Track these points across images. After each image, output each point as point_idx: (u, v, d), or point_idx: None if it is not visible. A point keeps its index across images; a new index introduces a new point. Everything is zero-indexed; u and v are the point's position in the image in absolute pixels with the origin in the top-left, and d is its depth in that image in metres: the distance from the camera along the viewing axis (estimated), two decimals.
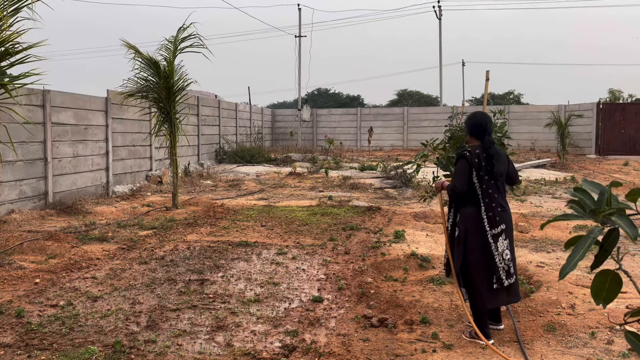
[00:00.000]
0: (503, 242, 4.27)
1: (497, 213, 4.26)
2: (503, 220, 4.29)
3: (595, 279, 1.39)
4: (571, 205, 1.41)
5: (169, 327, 4.68)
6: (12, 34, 6.23)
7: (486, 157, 4.30)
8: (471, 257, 4.31)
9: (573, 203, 1.41)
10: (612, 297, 1.39)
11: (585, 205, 1.39)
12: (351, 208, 11.12)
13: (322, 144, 29.86)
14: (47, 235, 8.13)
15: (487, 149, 4.32)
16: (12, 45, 6.30)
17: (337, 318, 4.94)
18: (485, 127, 4.41)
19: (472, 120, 4.51)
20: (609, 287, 1.38)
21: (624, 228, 1.29)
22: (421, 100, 52.15)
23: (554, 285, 5.59)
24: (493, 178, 4.30)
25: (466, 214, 4.36)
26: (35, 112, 10.77)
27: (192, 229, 9.08)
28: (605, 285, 1.39)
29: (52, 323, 4.74)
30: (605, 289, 1.39)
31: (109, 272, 6.39)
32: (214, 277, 6.21)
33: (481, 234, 4.27)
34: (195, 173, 17.55)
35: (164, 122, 11.12)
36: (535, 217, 9.69)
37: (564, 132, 21.31)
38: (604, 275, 1.38)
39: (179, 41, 10.79)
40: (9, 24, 6.28)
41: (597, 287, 1.39)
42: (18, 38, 6.27)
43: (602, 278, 1.39)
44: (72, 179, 11.96)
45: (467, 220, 4.33)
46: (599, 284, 1.38)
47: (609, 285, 1.38)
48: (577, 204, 1.41)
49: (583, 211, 1.39)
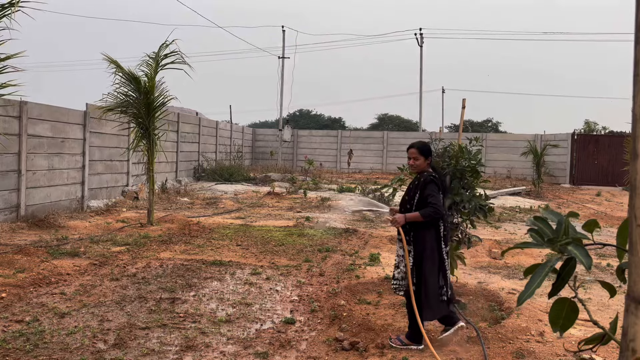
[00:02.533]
0: (447, 258, 4.72)
1: (448, 232, 4.67)
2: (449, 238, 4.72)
3: (552, 307, 1.43)
4: (531, 233, 1.45)
5: (137, 346, 4.60)
6: None
7: (441, 182, 4.66)
8: (430, 274, 4.54)
9: (532, 232, 1.45)
10: (569, 324, 1.42)
11: (544, 234, 1.43)
12: (328, 229, 11.12)
13: (302, 164, 29.91)
14: (17, 248, 7.97)
15: (438, 173, 4.66)
16: None
17: (308, 340, 4.91)
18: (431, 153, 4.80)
19: (429, 146, 4.83)
20: (565, 315, 1.41)
21: (579, 257, 1.33)
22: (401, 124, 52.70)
23: (524, 312, 5.64)
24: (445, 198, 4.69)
25: (425, 235, 4.55)
26: (11, 123, 10.62)
27: (166, 246, 8.98)
28: (563, 313, 1.42)
29: (17, 339, 4.62)
30: (562, 317, 1.42)
31: (79, 288, 6.27)
32: (186, 296, 6.14)
33: (438, 251, 4.56)
34: (172, 190, 17.41)
35: (142, 138, 11.05)
36: (509, 244, 9.80)
37: (540, 161, 21.70)
38: (561, 303, 1.42)
39: (161, 57, 10.80)
40: None
41: (555, 315, 1.42)
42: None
43: (560, 306, 1.42)
44: (46, 192, 11.78)
45: (427, 240, 4.54)
46: (556, 311, 1.42)
47: (565, 313, 1.41)
48: (536, 233, 1.45)
49: (542, 240, 1.43)
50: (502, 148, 28.59)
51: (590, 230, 1.42)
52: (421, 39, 38.19)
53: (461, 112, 6.16)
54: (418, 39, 38.28)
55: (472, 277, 7.45)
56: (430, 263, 4.50)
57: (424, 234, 4.55)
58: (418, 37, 38.28)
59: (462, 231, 5.85)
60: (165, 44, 10.69)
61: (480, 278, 7.43)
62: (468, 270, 7.79)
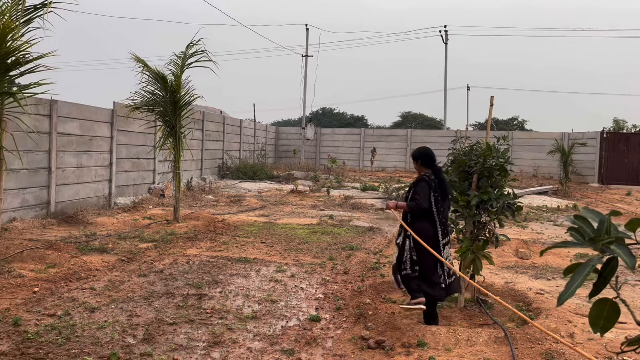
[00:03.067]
0: (448, 250, 5.23)
1: (445, 226, 5.15)
2: (449, 233, 5.26)
3: (593, 307, 1.40)
4: (571, 232, 1.43)
5: (165, 341, 4.66)
6: (23, 44, 6.31)
7: (438, 182, 5.14)
8: (425, 261, 5.08)
9: (573, 231, 1.43)
10: (609, 325, 1.39)
11: (585, 234, 1.41)
12: (352, 228, 11.11)
13: (324, 162, 29.93)
14: (48, 244, 8.13)
15: (438, 175, 5.18)
16: (23, 55, 6.38)
17: (334, 338, 4.91)
18: (434, 158, 5.28)
19: (425, 153, 5.32)
20: (606, 316, 1.39)
21: (622, 257, 1.31)
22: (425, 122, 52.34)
23: (553, 313, 5.56)
24: (444, 198, 5.18)
25: (421, 227, 5.08)
26: (42, 121, 10.84)
27: (192, 243, 9.07)
28: (603, 314, 1.39)
29: (49, 333, 4.72)
30: (603, 318, 1.39)
31: (108, 284, 6.38)
32: (212, 292, 6.20)
33: (434, 243, 5.02)
34: (197, 187, 17.58)
35: (168, 136, 11.18)
36: (536, 244, 9.66)
37: (567, 160, 21.34)
38: (602, 303, 1.39)
39: (187, 56, 10.91)
40: (20, 33, 6.36)
41: (595, 315, 1.40)
42: (29, 48, 6.34)
43: (600, 306, 1.40)
44: (75, 189, 11.99)
45: (423, 233, 5.00)
46: (596, 312, 1.39)
47: (607, 313, 1.39)
48: (576, 232, 1.42)
49: (582, 239, 1.40)
50: (529, 146, 28.19)
51: (633, 230, 1.39)
52: (446, 36, 37.86)
53: (489, 109, 6.08)
54: (443, 36, 37.95)
55: (498, 276, 7.37)
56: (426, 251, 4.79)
57: (420, 225, 5.11)
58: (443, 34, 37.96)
59: (489, 230, 5.78)
60: (192, 43, 10.79)
61: (507, 278, 7.34)
62: (495, 270, 7.70)
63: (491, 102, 6.07)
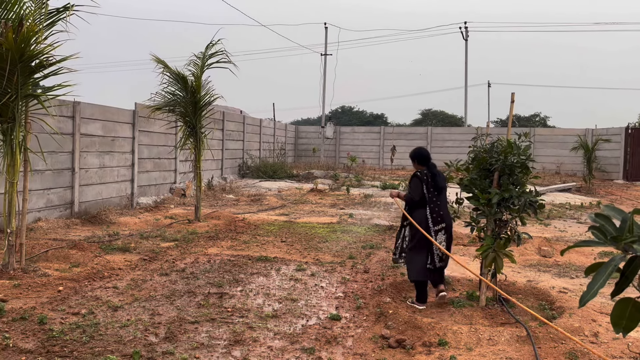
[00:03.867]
0: (442, 236, 5.81)
1: (438, 215, 5.80)
2: (444, 221, 5.82)
3: (615, 306, 1.38)
4: (592, 231, 1.41)
5: (187, 340, 4.71)
6: (46, 47, 6.42)
7: (431, 176, 5.89)
8: (417, 243, 5.81)
9: (594, 229, 1.40)
10: (632, 325, 1.37)
11: (607, 232, 1.38)
12: (372, 226, 11.08)
13: (344, 161, 29.90)
14: (72, 244, 8.27)
15: (431, 171, 5.94)
16: (46, 57, 6.49)
17: (354, 337, 4.91)
18: (428, 157, 6.06)
19: (419, 153, 6.10)
20: (629, 316, 1.36)
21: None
22: (445, 120, 51.96)
23: (577, 312, 5.48)
24: (437, 190, 5.89)
25: (417, 214, 5.86)
26: (65, 123, 11.03)
27: (213, 242, 9.14)
28: (626, 314, 1.37)
29: (73, 331, 4.80)
30: (625, 317, 1.37)
31: (130, 283, 6.47)
32: (233, 291, 6.24)
33: (425, 228, 5.71)
34: (218, 187, 17.70)
35: (189, 136, 11.28)
36: (559, 242, 9.53)
37: (591, 156, 20.99)
38: (624, 303, 1.37)
39: (207, 57, 10.98)
40: (44, 36, 6.46)
41: (617, 315, 1.38)
42: (52, 51, 6.45)
43: (623, 306, 1.37)
44: (98, 190, 12.18)
45: (417, 218, 5.80)
46: (619, 312, 1.37)
47: (629, 313, 1.36)
48: (598, 230, 1.40)
49: (604, 238, 1.38)
50: (551, 143, 27.79)
51: None
52: (466, 32, 37.54)
53: (510, 106, 6.01)
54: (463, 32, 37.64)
55: (520, 275, 7.29)
56: (420, 235, 5.65)
57: (417, 213, 5.88)
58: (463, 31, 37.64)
59: (511, 228, 5.72)
60: (211, 43, 10.87)
61: (530, 276, 7.25)
62: (517, 268, 7.62)
63: (512, 99, 6.00)
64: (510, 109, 6.06)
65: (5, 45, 5.97)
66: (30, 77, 6.53)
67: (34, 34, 6.17)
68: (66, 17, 6.61)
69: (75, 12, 6.60)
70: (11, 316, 5.07)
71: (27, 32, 6.04)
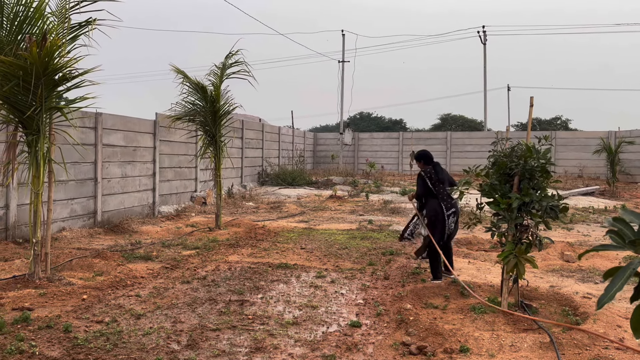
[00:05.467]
0: (452, 218, 7.03)
1: (447, 202, 6.97)
2: (452, 206, 7.01)
3: (635, 311, 1.37)
4: (610, 235, 1.40)
5: (208, 347, 4.75)
6: (69, 60, 6.56)
7: (435, 173, 7.06)
8: (434, 227, 6.97)
9: (612, 233, 1.40)
10: None
11: (625, 236, 1.38)
12: (392, 232, 11.05)
13: (363, 167, 29.87)
14: (95, 253, 8.40)
15: (435, 168, 7.13)
16: (69, 70, 6.63)
17: (375, 344, 4.90)
18: (431, 157, 7.34)
19: (424, 155, 7.33)
20: None
21: None
22: (465, 124, 51.61)
23: (601, 318, 5.39)
24: (441, 183, 7.01)
25: (432, 204, 7.04)
26: (88, 134, 11.22)
27: (234, 249, 9.20)
28: None
29: (97, 339, 4.88)
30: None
31: (153, 291, 6.54)
32: (254, 298, 6.28)
33: (442, 214, 6.95)
34: (238, 195, 17.82)
35: (209, 145, 11.40)
36: (583, 247, 9.39)
37: (614, 159, 20.65)
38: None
39: (227, 67, 11.10)
40: (67, 50, 6.61)
41: (637, 320, 1.37)
42: (75, 64, 6.58)
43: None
44: (120, 199, 12.35)
45: (433, 208, 7.01)
46: (638, 317, 1.36)
47: None
48: (616, 235, 1.40)
49: (622, 242, 1.38)
50: (573, 146, 27.42)
51: None
52: (484, 36, 37.33)
53: (529, 110, 5.97)
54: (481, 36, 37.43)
55: (543, 280, 7.20)
56: (436, 220, 6.97)
57: (430, 203, 7.06)
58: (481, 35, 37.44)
59: (532, 233, 5.66)
60: (231, 53, 10.99)
61: (552, 282, 7.16)
62: (539, 273, 7.53)
63: (531, 103, 5.96)
64: (530, 113, 6.01)
65: (29, 59, 6.12)
66: (53, 90, 6.67)
67: (57, 47, 6.31)
68: (89, 32, 6.75)
69: (97, 26, 6.74)
70: (37, 324, 5.17)
71: (51, 46, 6.18)
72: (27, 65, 6.17)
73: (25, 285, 6.45)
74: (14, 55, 6.32)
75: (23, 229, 9.52)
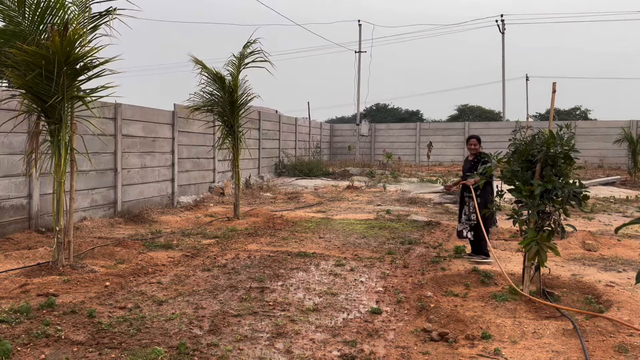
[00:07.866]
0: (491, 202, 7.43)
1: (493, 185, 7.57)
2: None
3: None
4: None
5: (230, 332, 4.79)
6: (90, 50, 6.61)
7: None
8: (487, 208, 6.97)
9: None
10: None
11: None
12: (410, 222, 11.02)
13: (380, 158, 29.77)
14: (116, 241, 8.50)
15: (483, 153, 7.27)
16: (90, 60, 6.68)
17: (395, 330, 4.90)
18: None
19: (479, 137, 7.97)
20: None
21: None
22: (483, 115, 51.12)
23: (625, 306, 5.33)
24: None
25: (489, 188, 7.63)
26: (108, 124, 11.33)
27: (253, 238, 9.25)
28: None
29: (121, 324, 4.94)
30: None
31: (174, 278, 6.60)
32: (274, 285, 6.31)
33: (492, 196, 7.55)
34: (255, 185, 17.88)
35: (227, 136, 11.43)
36: (604, 236, 9.27)
37: (636, 148, 20.32)
38: None
39: (244, 56, 11.10)
40: (88, 40, 6.66)
41: None
42: (96, 54, 6.63)
43: None
44: (140, 189, 12.46)
45: (488, 191, 7.62)
46: None
47: None
48: None
49: None
50: (593, 136, 27.03)
51: None
52: (502, 25, 36.86)
53: (552, 96, 5.89)
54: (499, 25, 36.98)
55: (564, 269, 7.13)
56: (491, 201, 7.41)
57: (487, 188, 7.58)
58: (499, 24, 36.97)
59: (554, 220, 5.59)
60: (248, 42, 10.98)
61: (574, 270, 7.08)
62: (560, 262, 7.46)
63: (553, 89, 5.88)
64: (552, 99, 5.93)
65: (52, 48, 6.18)
66: (75, 79, 6.74)
67: (79, 37, 6.36)
68: (109, 21, 6.79)
69: (117, 15, 6.78)
70: (62, 310, 5.25)
71: (72, 35, 6.24)
72: (49, 54, 6.24)
73: (49, 273, 6.56)
74: (36, 45, 6.39)
75: (45, 218, 9.66)
